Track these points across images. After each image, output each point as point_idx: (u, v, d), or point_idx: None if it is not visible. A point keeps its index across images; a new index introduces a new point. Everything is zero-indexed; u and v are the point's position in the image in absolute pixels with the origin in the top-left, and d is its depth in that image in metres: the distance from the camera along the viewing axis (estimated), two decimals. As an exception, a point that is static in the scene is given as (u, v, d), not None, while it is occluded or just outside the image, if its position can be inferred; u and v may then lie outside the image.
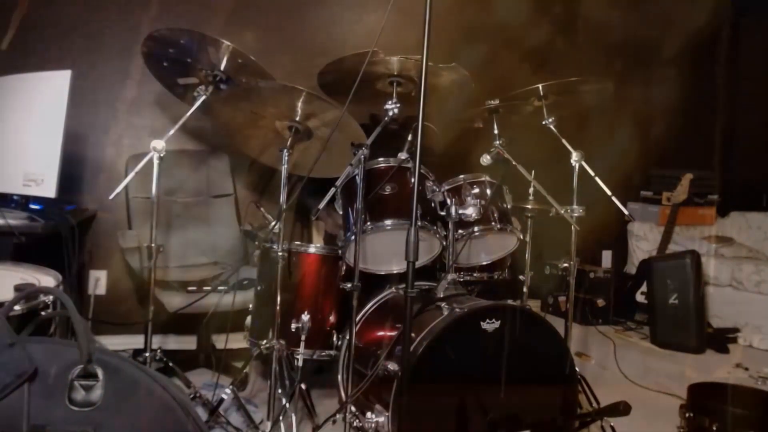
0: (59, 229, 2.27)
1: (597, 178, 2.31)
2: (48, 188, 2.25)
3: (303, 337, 2.13)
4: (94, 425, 1.00)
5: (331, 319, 2.28)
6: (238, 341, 2.42)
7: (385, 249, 2.25)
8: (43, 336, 1.44)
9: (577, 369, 2.11)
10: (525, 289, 2.51)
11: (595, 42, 4.07)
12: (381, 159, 2.25)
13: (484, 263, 2.42)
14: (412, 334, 1.87)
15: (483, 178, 2.36)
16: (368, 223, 2.13)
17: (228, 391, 2.15)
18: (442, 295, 2.12)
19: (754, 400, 2.18)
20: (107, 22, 3.01)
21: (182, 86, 2.48)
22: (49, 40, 2.92)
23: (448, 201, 2.21)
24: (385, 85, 2.38)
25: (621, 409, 1.91)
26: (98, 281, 3.04)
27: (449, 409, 1.87)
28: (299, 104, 2.13)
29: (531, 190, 2.47)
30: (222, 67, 2.32)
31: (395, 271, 2.29)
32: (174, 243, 2.87)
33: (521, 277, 2.50)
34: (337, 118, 2.07)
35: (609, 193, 2.29)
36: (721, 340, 3.48)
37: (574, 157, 2.34)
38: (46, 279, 1.74)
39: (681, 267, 3.47)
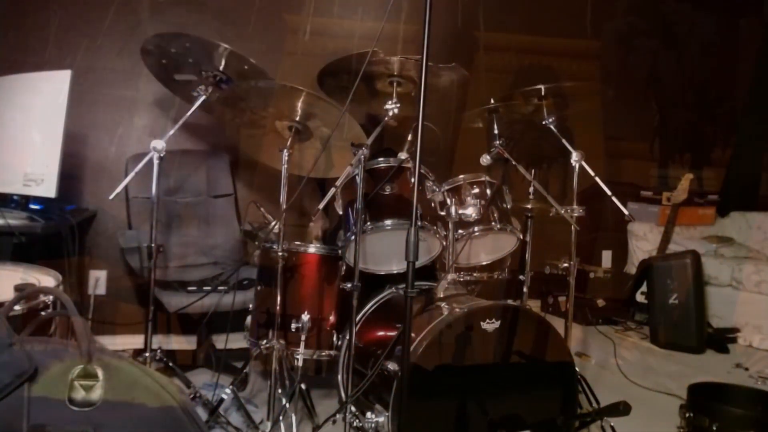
0: (59, 229, 2.27)
1: (597, 178, 2.31)
2: (48, 188, 2.25)
3: (303, 337, 2.12)
4: (94, 425, 1.00)
5: (331, 319, 2.28)
6: (238, 341, 2.42)
7: (385, 249, 2.25)
8: (43, 336, 1.44)
9: (577, 369, 2.10)
10: (525, 289, 2.50)
11: (594, 40, 4.07)
12: (381, 159, 2.25)
13: (484, 263, 2.42)
14: (412, 334, 1.87)
15: (483, 178, 2.36)
16: (368, 223, 2.13)
17: (228, 391, 2.15)
18: (442, 295, 2.11)
19: (754, 400, 2.18)
20: (107, 22, 3.01)
21: (182, 85, 2.47)
22: (49, 40, 2.92)
23: (448, 201, 2.21)
24: (385, 85, 2.38)
25: (621, 409, 1.91)
26: (98, 281, 3.04)
27: (449, 409, 1.87)
28: (299, 104, 2.13)
29: (531, 189, 2.46)
30: (222, 68, 2.32)
31: (395, 271, 2.29)
32: (174, 243, 2.87)
33: (521, 277, 2.50)
34: (336, 118, 2.07)
35: (609, 192, 2.28)
36: (721, 340, 3.48)
37: (574, 157, 2.33)
38: (46, 279, 1.74)
39: (681, 267, 3.47)
